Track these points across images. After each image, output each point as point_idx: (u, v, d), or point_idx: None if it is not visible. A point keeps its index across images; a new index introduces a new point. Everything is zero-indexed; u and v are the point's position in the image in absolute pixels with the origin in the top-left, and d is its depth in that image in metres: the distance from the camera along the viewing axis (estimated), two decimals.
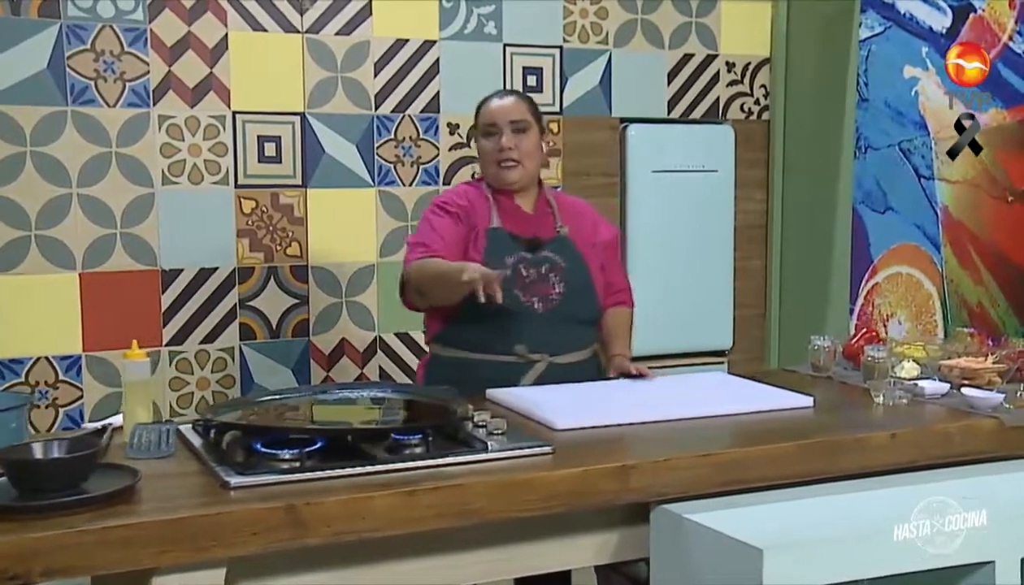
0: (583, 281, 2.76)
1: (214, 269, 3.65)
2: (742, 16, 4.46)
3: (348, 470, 1.86)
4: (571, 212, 2.87)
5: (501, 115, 2.77)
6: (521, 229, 2.75)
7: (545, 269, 2.70)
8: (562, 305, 2.70)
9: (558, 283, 2.70)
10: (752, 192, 4.52)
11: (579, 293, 2.74)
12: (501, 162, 2.75)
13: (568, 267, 2.73)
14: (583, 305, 2.75)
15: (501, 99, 2.82)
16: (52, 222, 3.43)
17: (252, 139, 3.67)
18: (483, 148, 2.80)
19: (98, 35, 3.45)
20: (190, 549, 1.66)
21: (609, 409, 2.31)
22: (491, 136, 2.77)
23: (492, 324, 2.64)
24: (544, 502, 1.90)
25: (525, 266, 2.69)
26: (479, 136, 2.82)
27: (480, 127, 2.82)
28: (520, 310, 2.65)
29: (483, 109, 2.82)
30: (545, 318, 2.68)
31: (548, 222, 2.80)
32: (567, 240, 2.78)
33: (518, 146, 2.75)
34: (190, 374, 3.63)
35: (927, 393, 2.45)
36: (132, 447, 2.01)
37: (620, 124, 4.26)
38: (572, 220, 2.84)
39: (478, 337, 2.68)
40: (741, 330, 4.49)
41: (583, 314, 2.76)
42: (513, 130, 2.76)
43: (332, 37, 3.75)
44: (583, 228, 2.85)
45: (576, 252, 2.78)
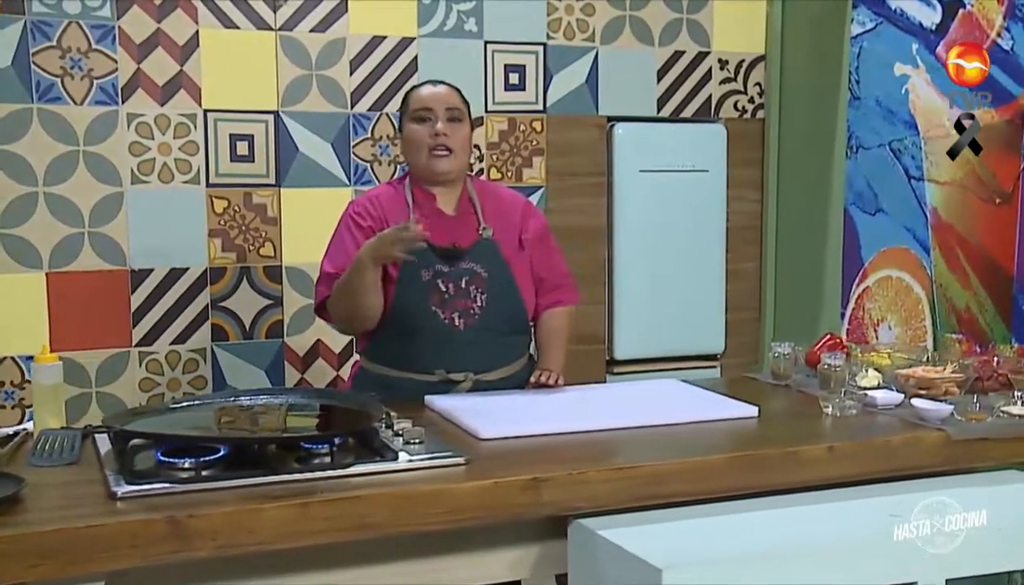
0: (507, 290, 2.65)
1: (185, 269, 3.61)
2: (736, 12, 4.35)
3: (242, 481, 1.80)
4: (497, 208, 2.74)
5: (436, 101, 2.67)
6: (440, 236, 2.59)
7: (465, 282, 2.60)
8: (484, 319, 2.60)
9: (479, 295, 2.60)
10: (745, 192, 4.41)
11: (503, 304, 2.63)
12: (434, 149, 2.63)
13: (490, 276, 2.61)
14: (507, 316, 2.65)
15: (435, 85, 2.73)
16: (18, 221, 3.41)
17: (224, 138, 3.62)
18: (413, 134, 2.66)
19: (64, 31, 3.42)
20: (63, 563, 1.60)
21: (540, 418, 2.24)
22: (423, 122, 2.66)
23: (413, 343, 2.57)
24: (450, 516, 1.83)
25: (443, 280, 2.58)
26: (408, 121, 2.69)
27: (410, 112, 2.68)
28: (439, 328, 2.56)
29: (414, 94, 2.72)
30: (467, 336, 2.58)
31: (471, 224, 2.68)
32: (490, 243, 2.66)
33: (452, 135, 2.65)
34: (160, 375, 3.60)
35: (879, 403, 2.35)
36: (35, 454, 1.96)
37: (607, 123, 4.17)
38: (498, 218, 2.72)
39: (400, 356, 2.60)
40: (734, 334, 4.38)
41: (508, 326, 2.65)
42: (448, 118, 2.66)
43: (307, 34, 3.70)
44: (510, 225, 2.73)
45: (499, 257, 2.65)
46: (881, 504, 1.94)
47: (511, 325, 2.66)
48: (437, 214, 2.67)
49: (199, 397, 2.28)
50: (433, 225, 2.61)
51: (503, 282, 2.63)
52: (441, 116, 2.64)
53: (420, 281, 2.56)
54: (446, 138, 2.63)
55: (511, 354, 2.67)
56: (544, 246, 2.80)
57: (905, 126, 3.77)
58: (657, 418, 2.25)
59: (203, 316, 3.63)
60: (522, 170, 4.02)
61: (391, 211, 2.66)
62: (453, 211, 2.69)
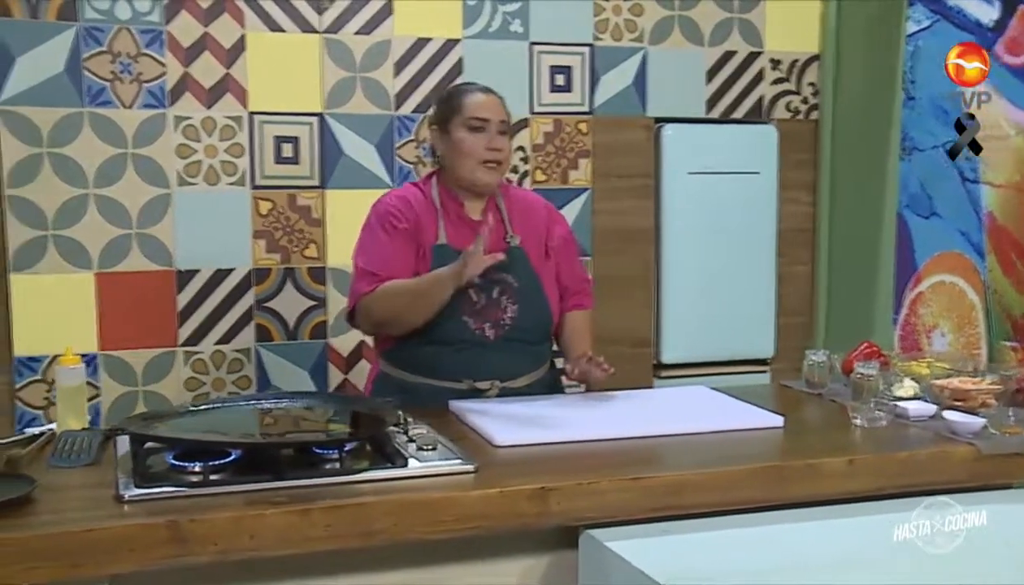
0: (536, 300, 2.63)
1: (230, 270, 3.65)
2: (789, 12, 4.27)
3: (248, 486, 1.81)
4: (523, 215, 2.71)
5: (493, 112, 2.62)
6: (469, 243, 2.52)
7: (496, 292, 2.58)
8: (514, 329, 2.58)
9: (510, 305, 2.57)
10: (798, 194, 4.33)
11: (532, 314, 2.61)
12: (486, 161, 2.61)
13: (520, 286, 2.59)
14: (536, 326, 2.63)
15: (487, 95, 2.67)
16: (69, 222, 3.48)
17: (269, 140, 3.66)
18: (465, 142, 2.59)
19: (115, 37, 3.48)
20: (65, 565, 1.62)
21: (558, 425, 2.21)
22: (478, 131, 2.60)
23: (441, 351, 2.55)
24: (455, 524, 1.82)
25: (475, 290, 2.55)
26: (458, 127, 2.62)
27: (464, 119, 2.61)
28: (470, 339, 2.55)
29: (469, 101, 2.63)
30: (496, 346, 2.57)
31: (498, 231, 2.64)
32: (519, 251, 2.63)
33: (502, 149, 2.63)
34: (205, 375, 3.65)
35: (911, 415, 2.28)
36: (54, 455, 2.00)
37: (655, 124, 4.12)
38: (523, 224, 2.69)
39: (426, 363, 2.58)
40: (784, 338, 4.30)
41: (536, 334, 2.64)
42: (499, 131, 2.63)
43: (351, 36, 3.72)
44: (536, 231, 2.70)
45: (528, 265, 2.63)
46: (901, 520, 1.88)
47: (538, 334, 2.65)
48: (465, 220, 2.65)
49: (220, 400, 2.30)
50: (461, 232, 2.61)
51: (533, 292, 2.61)
52: (496, 128, 2.61)
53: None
54: (499, 153, 2.61)
55: (537, 361, 2.66)
56: (568, 252, 2.78)
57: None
58: (679, 427, 2.21)
59: (247, 317, 3.67)
60: (567, 172, 3.99)
61: (423, 217, 2.63)
62: (479, 216, 2.65)
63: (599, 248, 4.05)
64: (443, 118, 2.66)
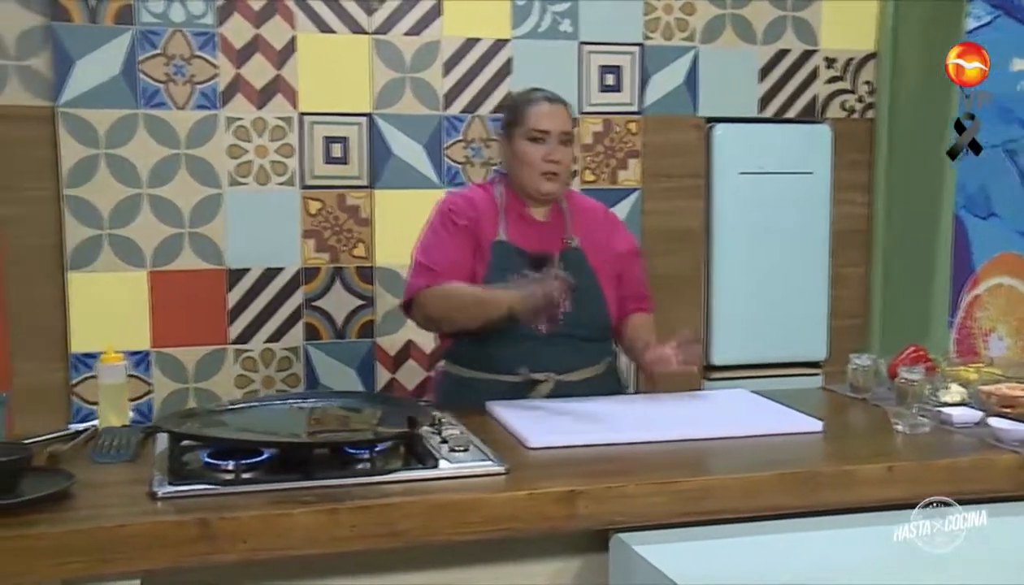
0: (592, 297, 2.65)
1: (280, 269, 3.69)
2: (845, 9, 4.21)
3: (278, 484, 1.83)
4: (585, 220, 2.76)
5: (554, 123, 2.66)
6: (529, 242, 2.64)
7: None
8: (568, 325, 2.60)
9: (564, 301, 2.57)
10: (852, 195, 4.26)
11: (587, 310, 2.64)
12: (545, 173, 2.65)
13: (576, 282, 2.58)
14: (591, 323, 2.65)
15: (552, 105, 2.69)
16: (124, 221, 3.55)
17: (319, 140, 3.70)
18: (526, 153, 2.65)
19: (169, 40, 3.54)
20: (97, 560, 1.65)
21: (593, 428, 2.21)
22: (538, 142, 2.64)
23: (496, 345, 2.59)
24: (482, 526, 1.82)
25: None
26: (520, 138, 2.67)
27: (526, 129, 2.66)
28: (523, 332, 2.57)
29: (533, 111, 2.67)
30: (550, 339, 2.59)
31: (558, 232, 2.70)
32: (577, 252, 2.68)
33: (562, 159, 2.66)
34: (255, 372, 3.69)
35: (955, 421, 2.23)
36: (95, 451, 2.04)
37: (706, 124, 4.09)
38: (584, 229, 2.73)
39: (483, 357, 2.63)
40: (838, 341, 4.23)
41: (590, 331, 2.65)
42: (560, 141, 2.66)
43: (401, 37, 3.74)
44: (596, 237, 2.74)
45: (586, 265, 2.67)
46: None
47: (593, 331, 2.66)
48: (527, 219, 2.70)
49: (259, 398, 2.33)
50: (521, 230, 2.67)
51: (589, 289, 2.64)
52: (556, 139, 2.64)
53: (505, 282, 2.55)
54: (558, 164, 2.64)
55: (593, 357, 2.67)
56: (632, 265, 2.82)
57: (1022, 126, 3.58)
58: (715, 431, 2.19)
59: (296, 315, 3.71)
60: (617, 172, 3.98)
61: (484, 215, 2.68)
62: (544, 218, 2.72)
63: (648, 249, 3.99)
64: (507, 126, 2.72)
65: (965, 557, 1.80)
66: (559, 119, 2.67)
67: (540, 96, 2.72)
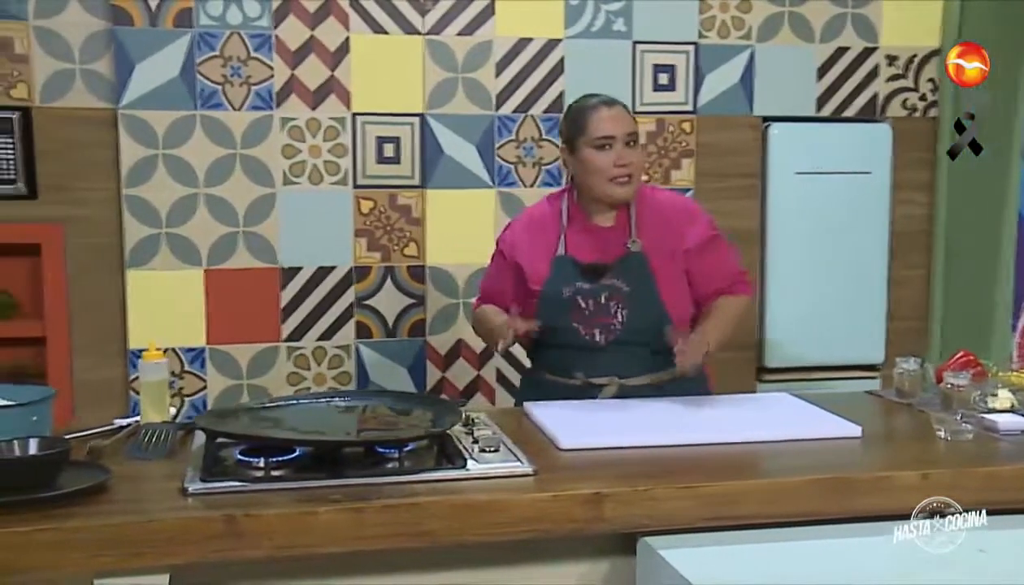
0: (650, 304, 2.60)
1: (332, 268, 3.74)
2: (907, 5, 4.13)
3: (306, 483, 1.85)
4: (655, 219, 2.68)
5: (618, 127, 2.61)
6: (589, 251, 2.64)
7: (604, 298, 2.60)
8: (627, 333, 2.60)
9: (620, 310, 2.59)
10: (913, 195, 4.18)
11: (645, 318, 2.59)
12: (616, 178, 2.61)
13: (632, 291, 2.59)
14: (651, 330, 2.58)
15: (611, 109, 2.64)
16: (181, 220, 3.62)
17: (371, 140, 3.73)
18: (594, 162, 2.61)
19: (226, 42, 3.60)
20: (126, 554, 1.69)
21: (627, 430, 2.20)
22: (604, 149, 2.60)
23: (562, 353, 2.66)
24: (507, 528, 1.82)
25: (583, 297, 2.61)
26: (585, 146, 2.63)
27: (590, 138, 2.62)
28: (581, 343, 2.61)
29: (593, 118, 2.63)
30: (609, 349, 2.61)
31: (622, 236, 2.65)
32: (637, 257, 2.62)
33: (633, 161, 2.63)
34: (307, 370, 3.74)
35: (1000, 428, 2.18)
36: (134, 446, 2.08)
37: (762, 123, 4.04)
38: (653, 229, 2.66)
39: (551, 362, 2.70)
40: (896, 344, 4.14)
41: (652, 338, 2.58)
42: (625, 143, 2.62)
43: (453, 38, 3.76)
44: (664, 235, 2.66)
45: (645, 270, 2.61)
46: (971, 538, 1.80)
47: (655, 337, 2.57)
48: (590, 229, 2.69)
49: (298, 397, 2.36)
50: (582, 241, 2.67)
51: (646, 296, 2.60)
52: (620, 142, 2.60)
53: (561, 298, 2.62)
54: (628, 167, 2.60)
55: (657, 365, 2.61)
56: (711, 250, 2.70)
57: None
58: (750, 435, 2.16)
59: (348, 313, 3.75)
60: (670, 172, 3.95)
61: (538, 230, 2.73)
62: (611, 223, 2.69)
63: None
64: (570, 138, 2.68)
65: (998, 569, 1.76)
66: (622, 122, 2.63)
67: (597, 101, 2.67)
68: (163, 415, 2.20)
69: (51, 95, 3.55)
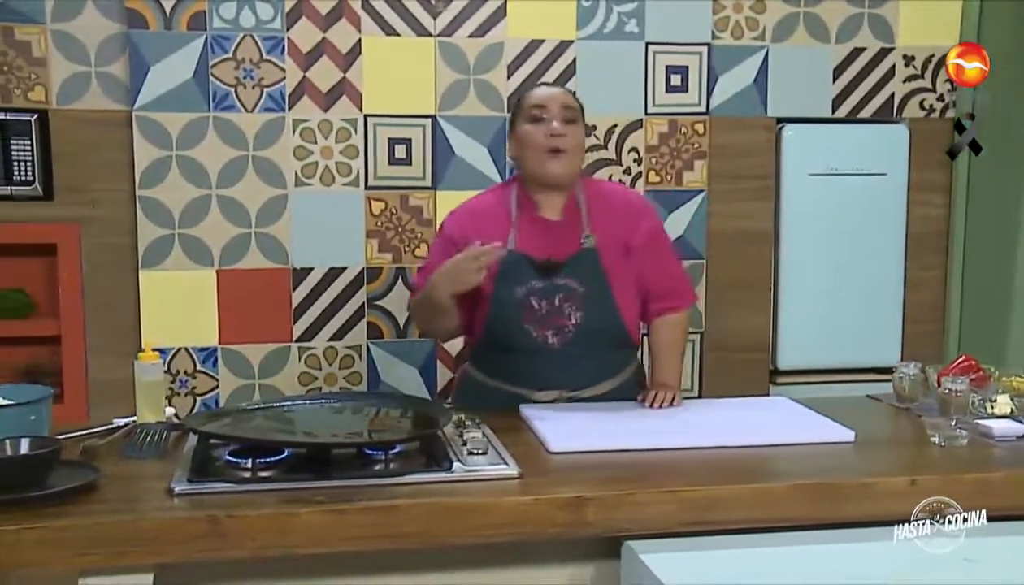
0: (604, 306, 2.55)
1: (343, 268, 3.76)
2: (925, 4, 4.08)
3: (289, 484, 1.88)
4: (605, 212, 2.61)
5: (552, 101, 2.56)
6: (540, 247, 2.55)
7: (559, 299, 2.52)
8: (580, 336, 2.53)
9: (574, 312, 2.52)
10: (930, 197, 4.14)
11: (599, 320, 2.54)
12: (550, 149, 2.52)
13: (586, 292, 2.53)
14: (605, 332, 2.56)
15: (549, 88, 2.66)
16: (193, 221, 3.66)
17: (383, 141, 3.75)
18: (527, 135, 2.55)
19: (239, 44, 3.63)
20: (111, 553, 1.72)
21: (617, 433, 2.20)
22: (538, 121, 2.54)
23: (509, 358, 2.56)
24: (488, 530, 1.84)
25: (536, 298, 2.52)
26: (521, 122, 2.59)
27: (525, 112, 2.58)
28: (534, 346, 2.53)
29: (529, 95, 2.63)
30: (563, 353, 2.53)
31: (574, 231, 2.58)
32: (591, 253, 2.55)
33: (568, 136, 2.53)
34: (318, 370, 3.77)
35: (995, 434, 2.16)
36: (128, 446, 2.11)
37: (776, 124, 4.02)
38: (605, 222, 2.59)
39: (497, 367, 2.60)
40: (912, 347, 4.11)
41: (607, 341, 2.57)
42: (563, 119, 2.55)
43: (465, 39, 3.76)
44: (617, 229, 2.59)
45: (598, 269, 2.54)
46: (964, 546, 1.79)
47: (610, 340, 2.57)
48: (539, 222, 2.60)
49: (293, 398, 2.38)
50: (533, 235, 2.58)
51: (600, 297, 2.54)
52: (557, 115, 2.54)
53: (514, 298, 2.53)
54: (562, 139, 2.53)
55: (613, 368, 2.61)
56: (655, 250, 2.65)
57: None
58: (740, 439, 2.16)
59: (359, 314, 3.77)
60: (682, 173, 3.94)
61: (488, 220, 2.61)
62: (559, 216, 2.61)
63: (714, 251, 3.99)
64: (512, 121, 2.67)
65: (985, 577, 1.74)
66: (557, 97, 2.59)
67: (538, 85, 2.70)
68: (158, 415, 2.23)
69: (67, 98, 3.60)
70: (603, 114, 3.83)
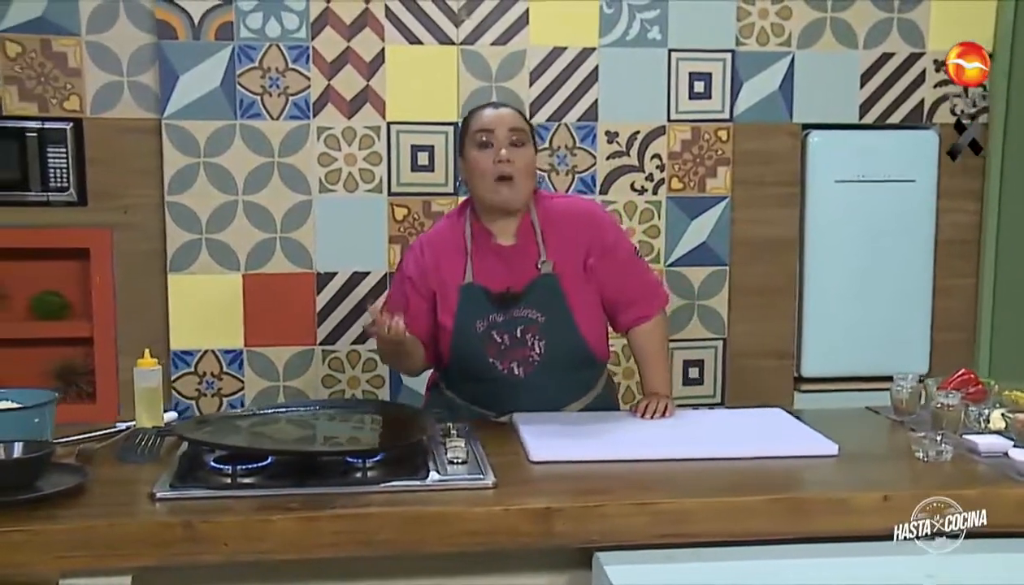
0: (566, 332, 2.53)
1: (366, 273, 3.82)
2: (956, 10, 4.02)
3: (267, 491, 1.93)
4: (560, 232, 2.57)
5: (498, 123, 2.52)
6: (497, 276, 2.53)
7: (520, 331, 2.51)
8: (544, 365, 2.53)
9: (537, 342, 2.51)
10: (961, 203, 4.08)
11: (563, 347, 2.53)
12: (499, 176, 2.48)
13: (547, 320, 2.51)
14: (570, 357, 2.55)
15: (496, 109, 2.59)
16: (220, 226, 3.74)
17: (406, 148, 3.80)
18: (475, 161, 2.52)
19: (266, 54, 3.71)
20: (90, 556, 1.78)
21: (601, 443, 2.22)
22: (485, 147, 2.50)
23: (477, 386, 2.58)
24: (459, 539, 1.87)
25: (498, 332, 2.52)
26: (469, 147, 2.56)
27: (471, 137, 2.54)
28: (500, 378, 2.54)
29: (475, 117, 2.57)
30: (530, 381, 2.53)
31: (530, 257, 2.54)
32: (549, 279, 2.52)
33: (515, 160, 2.49)
34: (341, 373, 3.83)
35: (981, 450, 2.14)
36: (124, 450, 2.18)
37: (802, 131, 4.00)
38: (560, 243, 2.55)
39: (465, 390, 2.64)
40: (942, 356, 4.06)
41: (572, 364, 2.56)
42: (510, 143, 2.50)
43: (488, 47, 3.80)
44: (574, 248, 2.56)
45: (558, 295, 2.52)
46: (923, 563, 1.78)
47: (577, 363, 2.57)
48: (494, 250, 2.57)
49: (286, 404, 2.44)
50: (489, 265, 2.56)
51: (562, 324, 2.53)
52: (503, 140, 2.50)
53: (475, 333, 2.52)
54: (509, 165, 2.48)
55: (582, 388, 2.61)
56: (615, 262, 2.60)
57: None
58: (722, 451, 2.17)
59: None
60: (705, 180, 3.94)
61: (444, 253, 2.60)
62: (513, 240, 2.57)
63: (737, 258, 3.98)
64: (460, 144, 2.63)
65: None
66: (504, 119, 2.53)
67: (484, 105, 2.63)
68: (156, 420, 2.30)
69: (101, 106, 3.70)
70: (625, 121, 3.85)
